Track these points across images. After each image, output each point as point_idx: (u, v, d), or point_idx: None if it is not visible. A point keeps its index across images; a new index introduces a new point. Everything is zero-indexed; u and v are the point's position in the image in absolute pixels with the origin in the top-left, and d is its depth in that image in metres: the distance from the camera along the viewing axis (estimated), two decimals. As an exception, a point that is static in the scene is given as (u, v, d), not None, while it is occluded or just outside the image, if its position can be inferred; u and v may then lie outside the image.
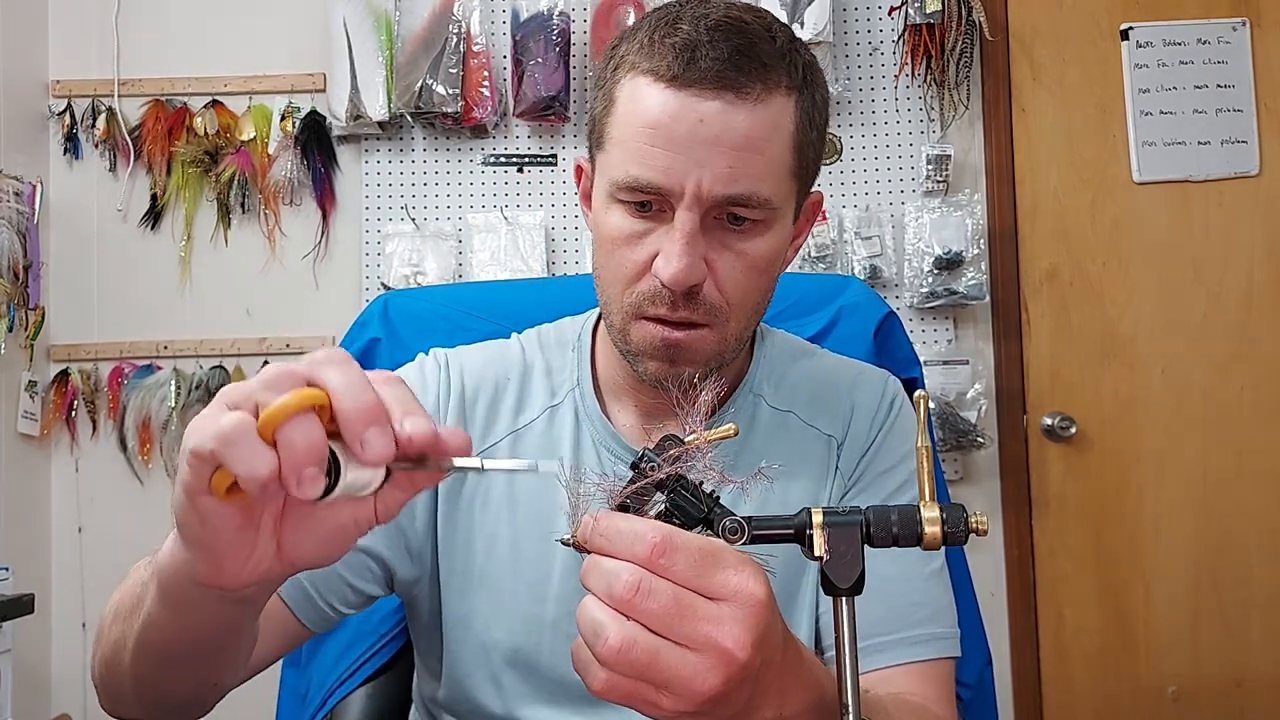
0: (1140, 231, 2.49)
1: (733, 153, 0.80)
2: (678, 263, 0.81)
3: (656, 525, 0.57)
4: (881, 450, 0.97)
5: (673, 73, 0.81)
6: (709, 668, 0.55)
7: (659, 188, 0.81)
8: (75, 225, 2.52)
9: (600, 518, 0.58)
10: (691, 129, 0.80)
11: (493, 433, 0.96)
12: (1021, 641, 2.44)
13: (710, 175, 0.80)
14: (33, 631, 2.26)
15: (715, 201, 0.81)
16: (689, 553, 0.56)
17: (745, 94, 0.81)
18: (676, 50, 0.81)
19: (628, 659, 0.55)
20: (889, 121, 2.49)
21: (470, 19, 2.45)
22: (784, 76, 0.83)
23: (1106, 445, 2.47)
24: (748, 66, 0.81)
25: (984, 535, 0.61)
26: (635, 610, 0.55)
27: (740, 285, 0.85)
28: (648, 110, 0.82)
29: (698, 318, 0.84)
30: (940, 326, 2.46)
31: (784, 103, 0.83)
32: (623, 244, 0.85)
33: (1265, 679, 2.41)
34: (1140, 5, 2.51)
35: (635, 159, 0.82)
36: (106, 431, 2.49)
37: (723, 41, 0.81)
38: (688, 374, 0.84)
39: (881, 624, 0.87)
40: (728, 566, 0.56)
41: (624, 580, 0.55)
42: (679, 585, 0.55)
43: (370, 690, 1.14)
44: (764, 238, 0.85)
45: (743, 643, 0.55)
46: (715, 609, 0.56)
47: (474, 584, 0.94)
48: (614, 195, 0.85)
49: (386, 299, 1.26)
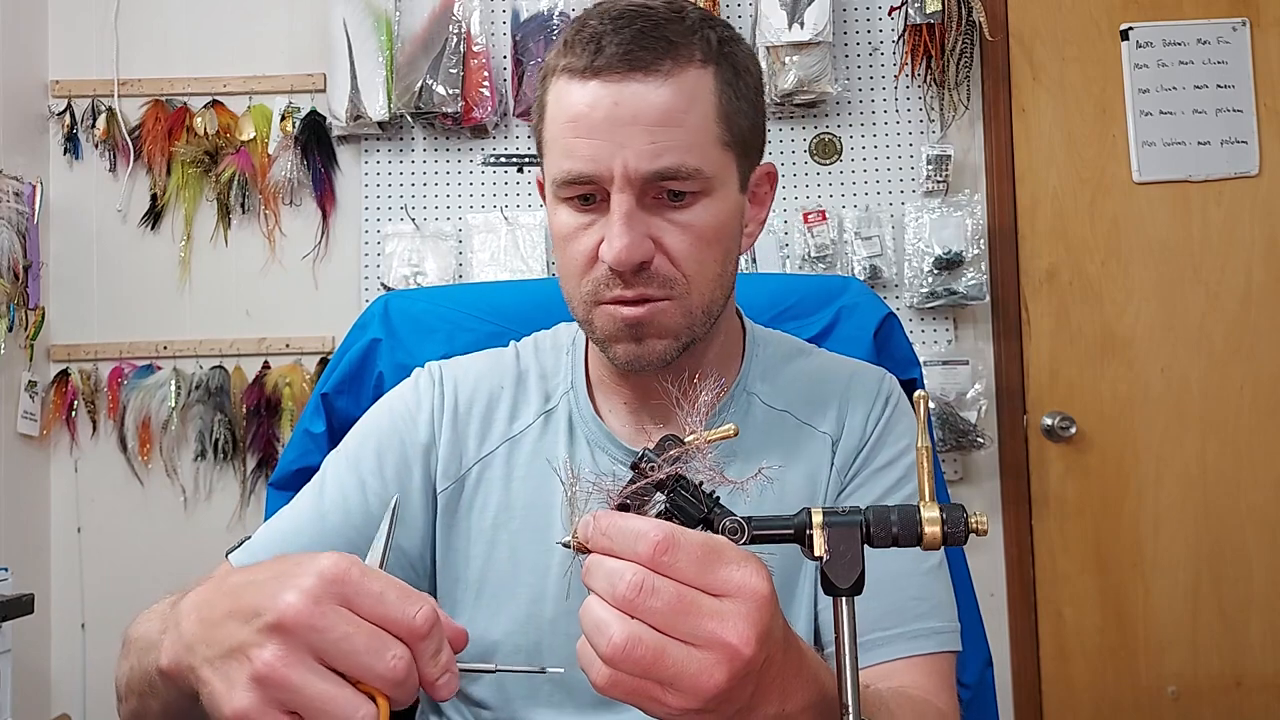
0: (1140, 231, 2.49)
1: (652, 129, 0.83)
2: (618, 242, 0.84)
3: (658, 523, 0.57)
4: (878, 447, 0.97)
5: (584, 64, 0.85)
6: (714, 664, 0.55)
7: (590, 176, 0.85)
8: (75, 225, 2.52)
9: (600, 517, 0.58)
10: (608, 113, 0.84)
11: (488, 441, 0.97)
12: (1021, 641, 2.44)
13: (634, 154, 0.83)
14: (33, 631, 2.26)
15: (645, 178, 0.84)
16: (691, 550, 0.56)
17: (655, 71, 0.84)
18: (585, 44, 0.85)
19: (632, 657, 0.55)
20: (889, 121, 2.49)
21: (470, 19, 2.45)
22: (696, 51, 0.86)
23: (1106, 445, 2.47)
24: (654, 45, 0.84)
25: (984, 535, 0.61)
26: (639, 609, 0.55)
27: (692, 256, 0.87)
28: (569, 106, 0.86)
29: (653, 292, 0.86)
30: (940, 326, 2.46)
31: (699, 74, 0.86)
32: (571, 238, 0.88)
33: (1265, 679, 2.41)
34: (1140, 5, 2.51)
35: (565, 154, 0.86)
36: (106, 431, 2.49)
37: (626, 27, 0.85)
38: (658, 351, 0.87)
39: (881, 620, 0.88)
40: (730, 562, 0.56)
41: (627, 580, 0.55)
42: (682, 583, 0.56)
43: (370, 690, 1.14)
44: (706, 207, 0.87)
45: (747, 638, 0.55)
46: (719, 605, 0.56)
47: (473, 588, 0.94)
48: (558, 195, 0.89)
49: (386, 299, 1.26)
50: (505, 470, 0.96)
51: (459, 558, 0.95)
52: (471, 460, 0.97)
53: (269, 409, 2.45)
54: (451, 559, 0.96)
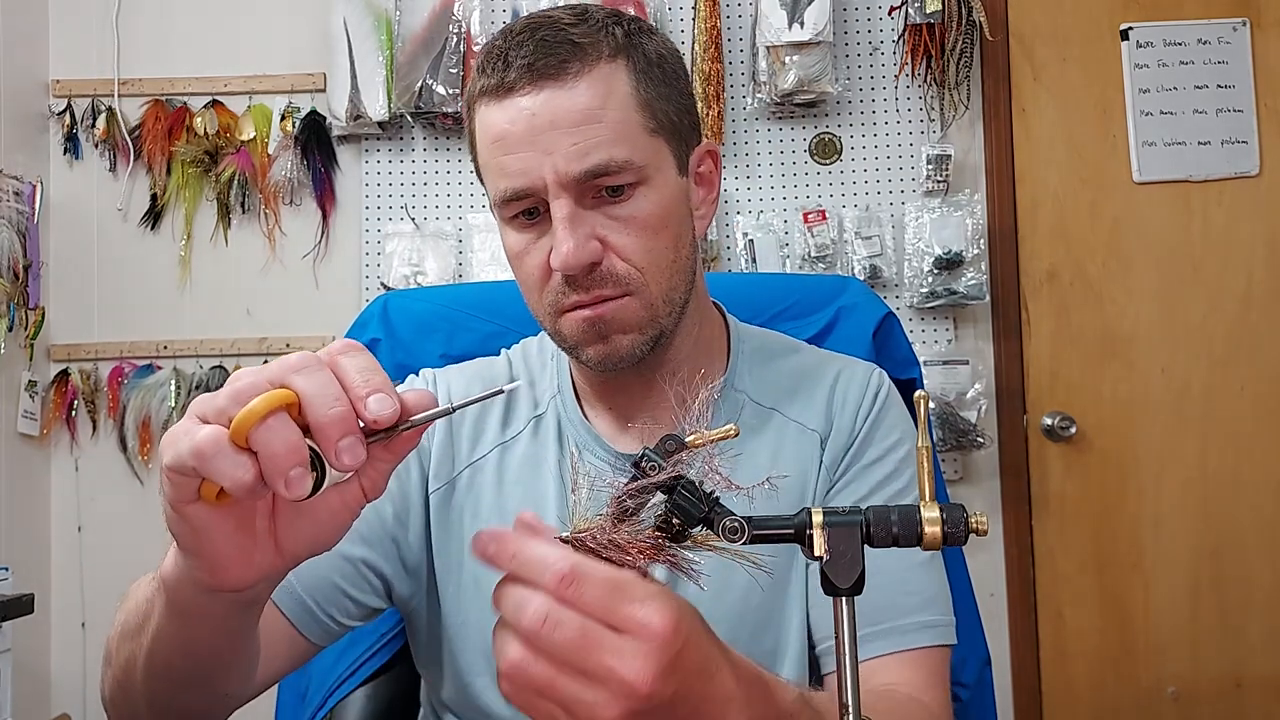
0: (1140, 231, 2.49)
1: (573, 130, 0.84)
2: (564, 246, 0.85)
3: (565, 553, 0.56)
4: (867, 443, 0.97)
5: (495, 84, 0.86)
6: (608, 699, 0.55)
7: (524, 189, 0.86)
8: (75, 225, 2.52)
9: (506, 538, 0.57)
10: (528, 125, 0.85)
11: (480, 446, 0.98)
12: (1021, 641, 2.44)
13: (561, 157, 0.84)
14: (33, 631, 2.26)
15: (577, 179, 0.85)
16: (596, 584, 0.55)
17: (563, 74, 0.85)
18: (493, 64, 0.87)
19: (525, 675, 0.55)
20: (889, 121, 2.49)
21: (470, 19, 2.45)
22: (602, 47, 0.87)
23: (1106, 445, 2.47)
24: (558, 50, 0.86)
25: (984, 535, 0.61)
26: (541, 642, 0.55)
27: (641, 247, 0.88)
28: (491, 127, 0.87)
29: (608, 291, 0.87)
30: (940, 326, 2.46)
31: (608, 69, 0.87)
32: (523, 255, 0.90)
33: (1265, 679, 2.41)
34: (1140, 5, 2.51)
35: (498, 174, 0.87)
36: (106, 431, 2.49)
37: (529, 40, 0.86)
38: (625, 346, 0.88)
39: (873, 613, 0.87)
40: (634, 600, 0.55)
41: (530, 611, 0.55)
42: (586, 616, 0.55)
43: (370, 690, 1.14)
44: (645, 196, 0.88)
45: (644, 676, 0.54)
46: (619, 642, 0.55)
47: (470, 589, 0.95)
48: (502, 216, 0.90)
49: (386, 299, 1.26)
50: (497, 475, 0.97)
51: (453, 561, 0.96)
52: (463, 464, 0.98)
53: (269, 409, 2.44)
54: (446, 561, 0.96)
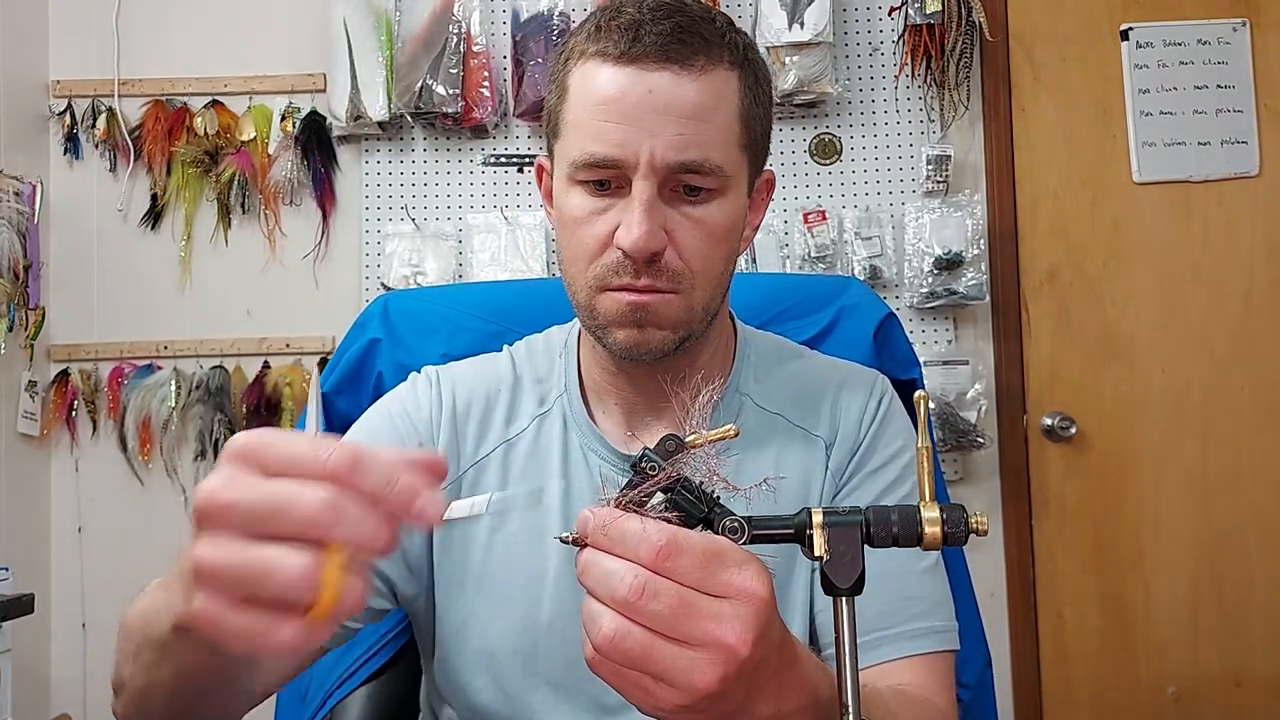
0: (1140, 231, 2.49)
1: (682, 120, 0.84)
2: (638, 229, 0.84)
3: (662, 526, 0.57)
4: (871, 450, 0.97)
5: (620, 50, 0.85)
6: (709, 663, 0.55)
7: (615, 160, 0.85)
8: (75, 225, 2.52)
9: (599, 514, 0.58)
10: (641, 100, 0.84)
11: (485, 444, 0.98)
12: (1021, 641, 2.44)
13: (662, 143, 0.84)
14: (33, 631, 2.26)
15: (669, 168, 0.84)
16: (694, 554, 0.56)
17: (690, 65, 0.85)
18: (622, 30, 0.85)
19: (620, 648, 0.55)
20: (889, 122, 2.49)
21: (470, 19, 2.45)
22: (725, 52, 0.87)
23: (1106, 445, 2.47)
24: (691, 41, 0.85)
25: (984, 535, 0.61)
26: (638, 612, 0.55)
27: (701, 252, 0.88)
28: (599, 88, 0.85)
29: (662, 284, 0.87)
30: (940, 327, 2.46)
31: (727, 75, 0.87)
32: (584, 222, 0.88)
33: (1265, 679, 2.41)
34: (1140, 5, 2.51)
35: (591, 136, 0.85)
36: (106, 431, 2.49)
37: (665, 19, 0.85)
38: (657, 340, 0.88)
39: (878, 619, 0.88)
40: (732, 565, 0.57)
41: (628, 582, 0.55)
42: (684, 585, 0.56)
43: (370, 690, 1.14)
44: (720, 205, 0.88)
45: (745, 639, 0.55)
46: (718, 606, 0.56)
47: (470, 591, 0.95)
48: (573, 178, 0.88)
49: (386, 299, 1.26)
50: (501, 474, 0.96)
51: (455, 561, 0.96)
52: (468, 462, 0.97)
53: (269, 409, 2.45)
54: (448, 562, 0.96)
